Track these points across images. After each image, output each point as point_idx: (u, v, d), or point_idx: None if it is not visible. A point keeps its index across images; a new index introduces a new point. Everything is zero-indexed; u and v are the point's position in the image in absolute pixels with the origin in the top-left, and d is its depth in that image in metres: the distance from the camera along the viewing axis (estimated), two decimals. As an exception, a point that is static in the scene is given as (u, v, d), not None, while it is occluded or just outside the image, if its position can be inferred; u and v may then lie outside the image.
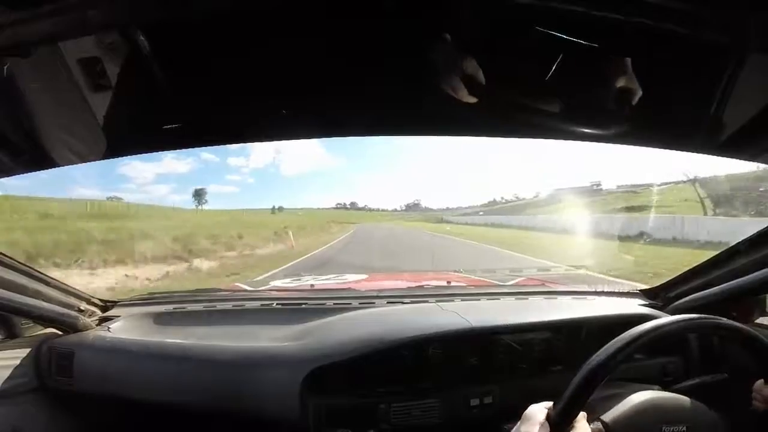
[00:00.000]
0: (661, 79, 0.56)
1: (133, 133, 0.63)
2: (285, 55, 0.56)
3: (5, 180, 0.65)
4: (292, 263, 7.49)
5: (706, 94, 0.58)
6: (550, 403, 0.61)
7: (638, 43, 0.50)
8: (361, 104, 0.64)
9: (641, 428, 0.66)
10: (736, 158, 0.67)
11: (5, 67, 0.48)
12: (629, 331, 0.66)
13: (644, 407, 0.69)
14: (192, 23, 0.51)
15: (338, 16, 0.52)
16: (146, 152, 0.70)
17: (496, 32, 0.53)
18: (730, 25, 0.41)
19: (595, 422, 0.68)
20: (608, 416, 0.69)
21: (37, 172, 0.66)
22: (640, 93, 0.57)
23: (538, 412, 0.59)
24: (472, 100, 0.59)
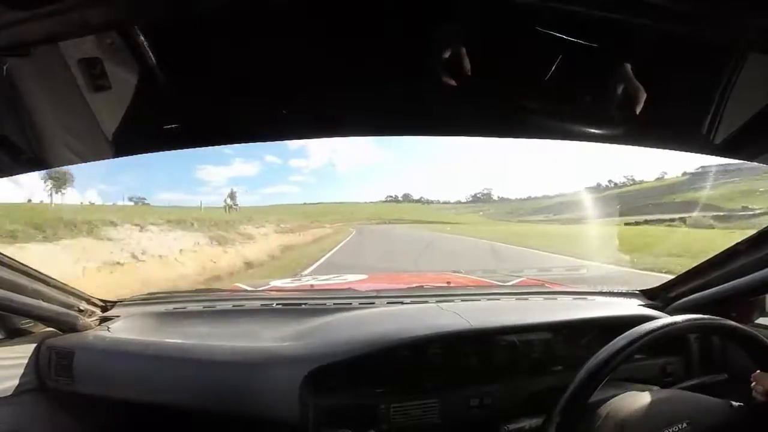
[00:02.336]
0: (661, 79, 0.56)
1: (133, 133, 0.63)
2: (285, 55, 0.56)
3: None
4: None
5: (706, 93, 0.58)
6: None
7: (638, 43, 0.50)
8: (362, 104, 0.64)
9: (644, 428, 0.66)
10: (736, 158, 0.67)
11: (5, 67, 0.48)
12: (630, 331, 0.66)
13: (647, 406, 0.68)
14: (192, 23, 0.51)
15: (339, 16, 0.52)
16: (146, 152, 0.70)
17: (496, 32, 0.53)
18: (730, 25, 0.41)
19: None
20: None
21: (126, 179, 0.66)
22: (640, 93, 0.57)
23: None
24: (473, 100, 0.59)
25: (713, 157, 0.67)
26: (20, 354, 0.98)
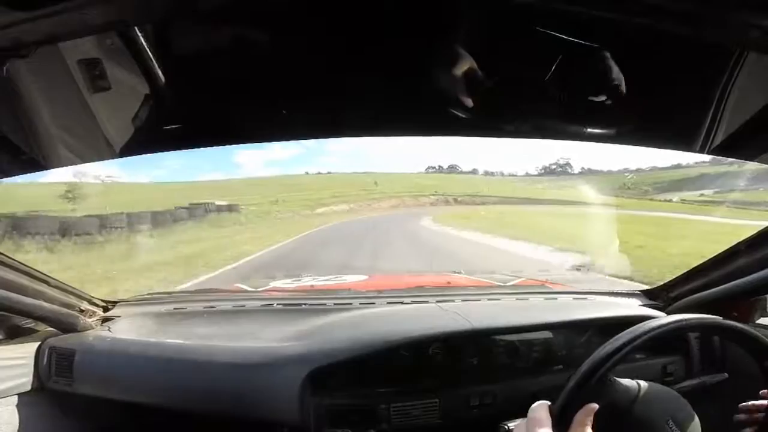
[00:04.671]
0: (661, 79, 0.56)
1: (133, 133, 0.63)
2: (285, 55, 0.56)
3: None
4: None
5: (706, 93, 0.58)
6: (548, 402, 0.61)
7: (638, 43, 0.50)
8: (362, 104, 0.64)
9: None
10: (736, 158, 0.67)
11: (5, 68, 0.48)
12: (632, 328, 0.66)
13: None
14: (192, 23, 0.51)
15: (339, 16, 0.52)
16: (146, 153, 0.70)
17: (497, 32, 0.53)
18: (730, 25, 0.41)
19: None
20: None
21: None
22: (640, 93, 0.57)
23: (541, 408, 0.59)
24: (473, 100, 0.59)
25: (713, 157, 0.67)
26: (21, 354, 0.99)
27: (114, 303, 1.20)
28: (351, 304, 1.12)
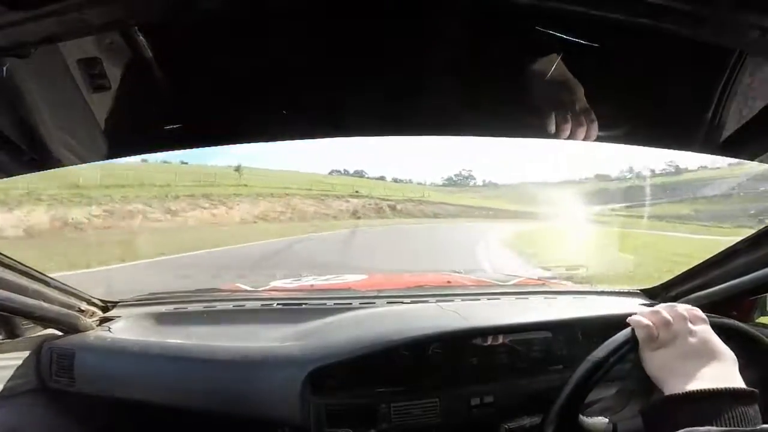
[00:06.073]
0: (662, 79, 0.56)
1: (133, 133, 0.63)
2: (285, 56, 0.56)
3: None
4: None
5: (707, 94, 0.58)
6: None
7: (638, 43, 0.50)
8: (361, 104, 0.64)
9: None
10: (736, 158, 0.67)
11: (5, 68, 0.48)
12: (627, 329, 0.66)
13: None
14: (192, 23, 0.51)
15: (339, 16, 0.52)
16: (146, 153, 0.70)
17: (497, 32, 0.53)
18: (730, 25, 0.41)
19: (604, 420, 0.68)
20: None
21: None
22: (640, 93, 0.57)
23: None
24: (473, 100, 0.60)
25: (713, 156, 0.67)
26: (21, 355, 0.98)
27: (114, 303, 1.20)
28: (351, 303, 1.12)
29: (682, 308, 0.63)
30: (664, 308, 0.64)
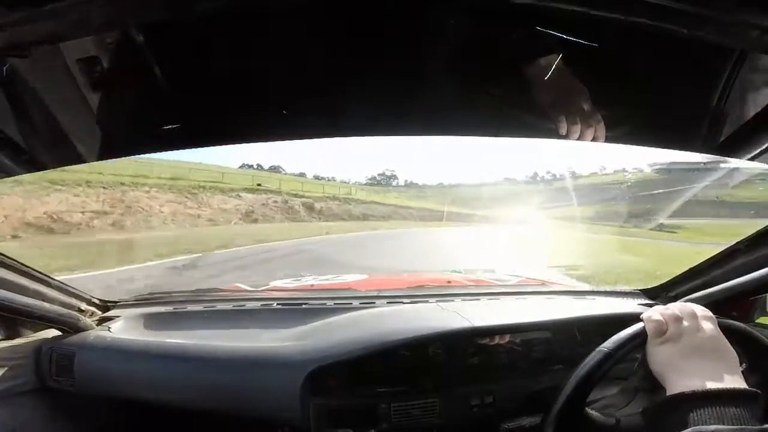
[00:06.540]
0: (662, 79, 0.56)
1: (133, 133, 0.63)
2: (285, 56, 0.56)
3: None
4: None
5: (706, 94, 0.58)
6: None
7: (638, 43, 0.50)
8: (361, 104, 0.64)
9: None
10: (736, 158, 0.67)
11: (5, 68, 0.48)
12: (625, 330, 0.67)
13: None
14: (192, 23, 0.51)
15: (338, 16, 0.52)
16: (146, 153, 0.70)
17: (497, 32, 0.53)
18: (730, 25, 0.41)
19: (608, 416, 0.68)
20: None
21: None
22: (640, 93, 0.57)
23: None
24: (472, 100, 0.60)
25: (713, 156, 0.67)
26: (21, 354, 0.98)
27: (114, 303, 1.20)
28: (351, 303, 1.12)
29: (694, 307, 0.63)
30: (676, 306, 0.64)
